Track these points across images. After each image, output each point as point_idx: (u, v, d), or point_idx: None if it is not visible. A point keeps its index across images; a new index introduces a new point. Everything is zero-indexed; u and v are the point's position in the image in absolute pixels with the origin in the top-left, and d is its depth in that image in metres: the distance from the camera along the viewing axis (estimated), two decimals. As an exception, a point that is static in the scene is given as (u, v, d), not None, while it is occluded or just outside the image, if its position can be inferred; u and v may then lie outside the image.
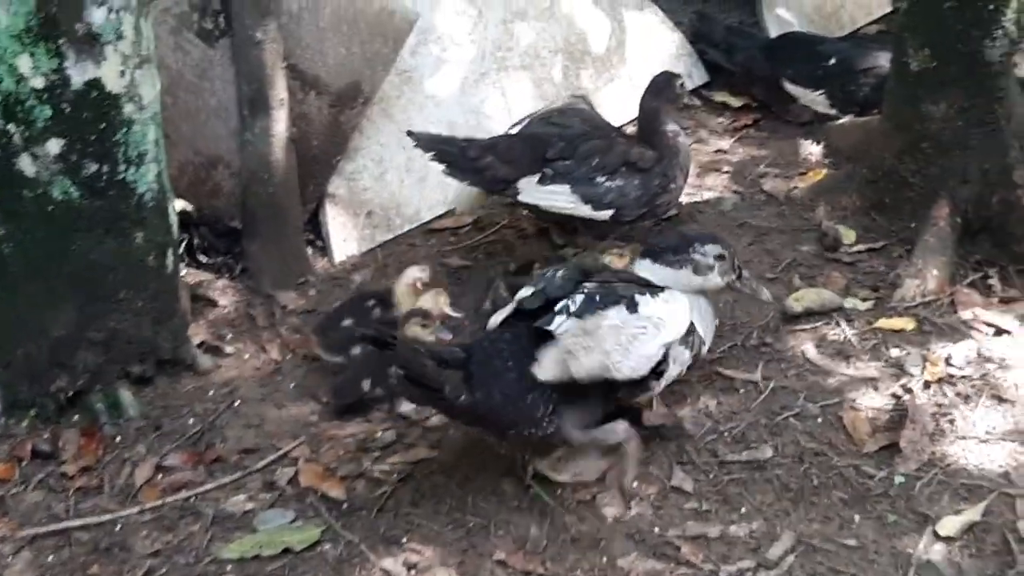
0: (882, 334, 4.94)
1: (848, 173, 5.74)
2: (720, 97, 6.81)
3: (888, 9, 7.29)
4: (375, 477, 4.48)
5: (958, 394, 4.64)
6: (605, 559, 4.07)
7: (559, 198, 5.34)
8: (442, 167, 5.32)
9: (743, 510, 4.23)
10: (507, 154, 5.36)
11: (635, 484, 4.33)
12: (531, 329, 4.10)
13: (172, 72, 5.53)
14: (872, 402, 4.63)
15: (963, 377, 4.70)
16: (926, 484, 4.27)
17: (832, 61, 6.43)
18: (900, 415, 4.53)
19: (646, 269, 4.50)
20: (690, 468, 4.42)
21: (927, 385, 4.66)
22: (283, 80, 5.47)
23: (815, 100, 6.44)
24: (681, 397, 4.71)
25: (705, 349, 4.54)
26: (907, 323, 4.98)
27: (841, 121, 6.30)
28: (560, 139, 5.37)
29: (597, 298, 4.22)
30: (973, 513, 4.12)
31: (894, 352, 4.85)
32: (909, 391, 4.62)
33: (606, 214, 5.39)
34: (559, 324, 4.12)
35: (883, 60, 6.01)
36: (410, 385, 3.88)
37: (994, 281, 5.21)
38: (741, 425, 4.57)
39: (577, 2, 6.62)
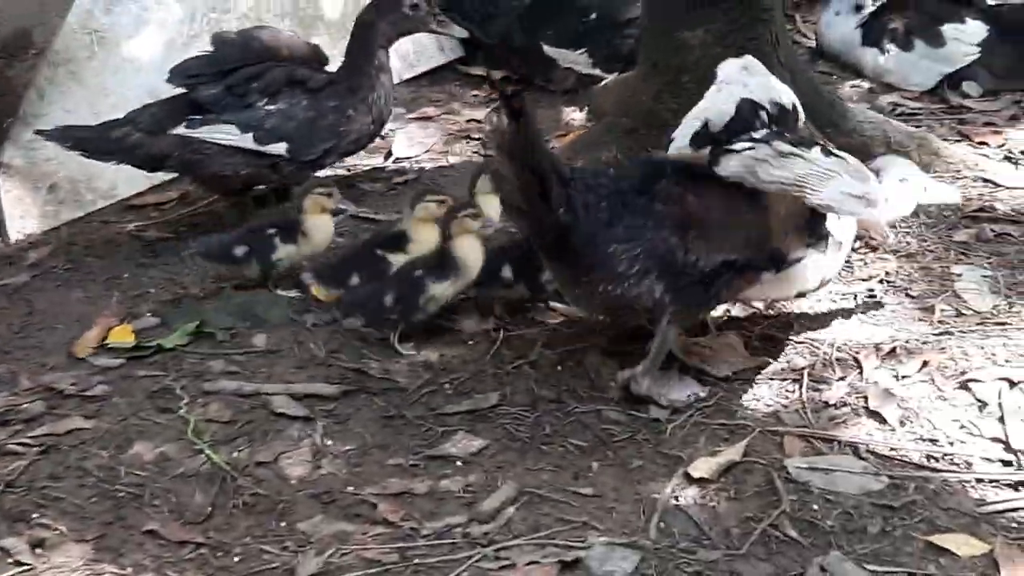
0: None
1: (608, 125, 5.30)
2: (477, 71, 6.36)
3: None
4: (10, 451, 3.80)
5: (717, 337, 4.18)
6: (284, 523, 3.45)
7: (218, 134, 4.80)
8: (86, 155, 4.87)
9: (458, 463, 3.67)
10: (152, 123, 4.85)
11: (328, 442, 3.75)
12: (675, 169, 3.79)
13: None
14: (620, 347, 4.12)
15: (733, 319, 4.26)
16: (679, 426, 3.79)
17: (593, 16, 6.07)
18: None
19: None
20: (400, 423, 3.85)
21: (689, 331, 4.18)
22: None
23: (577, 60, 6.05)
24: (395, 352, 4.15)
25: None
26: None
27: (605, 81, 5.89)
28: (206, 75, 4.86)
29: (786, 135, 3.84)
30: (732, 453, 3.66)
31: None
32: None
33: (278, 148, 4.86)
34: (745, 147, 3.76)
35: (649, 10, 5.62)
36: (517, 173, 3.52)
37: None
38: (464, 376, 4.02)
39: (309, -39, 6.14)
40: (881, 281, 4.47)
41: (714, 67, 4.73)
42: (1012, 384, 3.89)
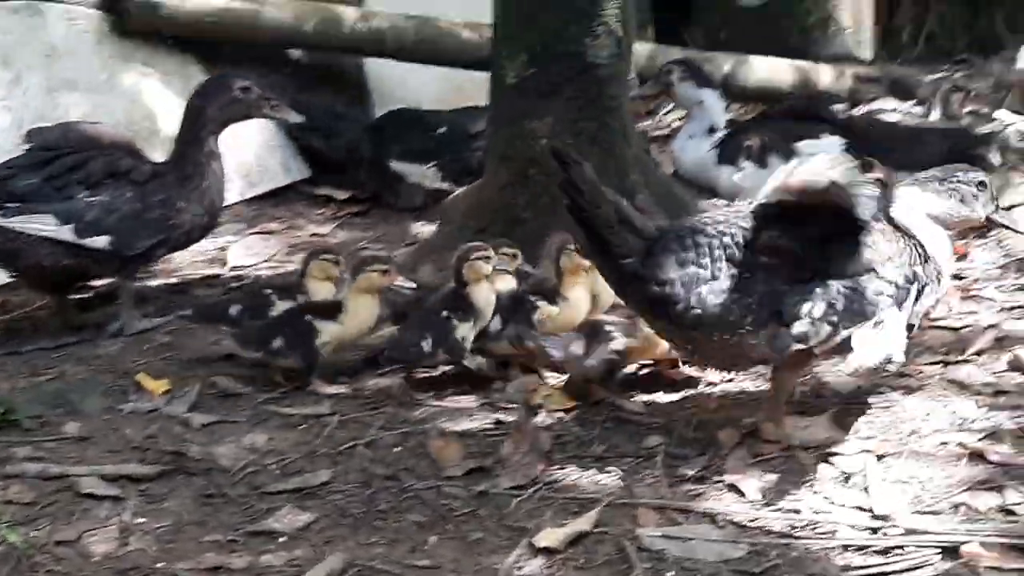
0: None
1: (457, 228, 5.14)
2: (324, 191, 6.21)
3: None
4: None
5: (575, 418, 3.99)
6: (83, 600, 3.14)
7: (34, 224, 4.58)
8: None
9: (281, 539, 3.40)
10: None
11: (139, 520, 3.46)
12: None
13: None
14: (467, 427, 3.95)
15: (586, 401, 4.13)
16: (526, 500, 3.58)
17: (442, 130, 5.96)
18: (501, 439, 3.83)
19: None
20: (219, 501, 3.58)
21: (536, 410, 3.99)
22: None
23: (426, 175, 5.94)
24: (220, 436, 3.89)
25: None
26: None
27: (455, 193, 5.77)
28: (23, 164, 4.69)
29: None
30: (582, 524, 3.44)
31: (498, 383, 4.19)
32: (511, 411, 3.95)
33: (100, 241, 4.63)
34: None
35: (496, 122, 5.54)
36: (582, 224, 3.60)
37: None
38: (294, 457, 3.77)
39: (143, 79, 5.99)
40: (738, 366, 4.31)
41: (564, 160, 4.66)
42: (878, 457, 3.73)
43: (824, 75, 7.24)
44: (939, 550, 3.33)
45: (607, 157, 4.78)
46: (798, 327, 3.58)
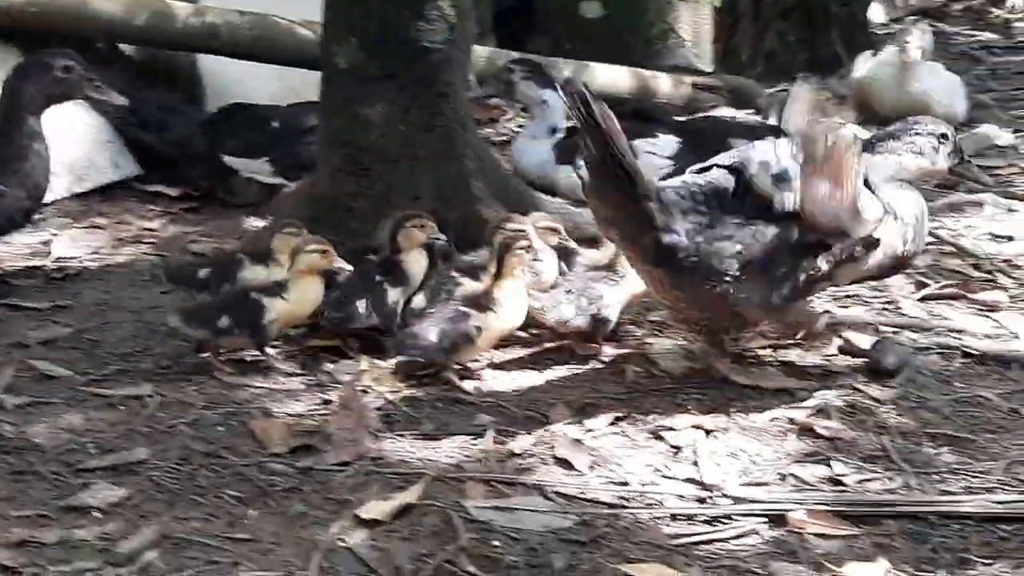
0: (314, 352, 4.22)
1: (292, 216, 5.04)
2: (155, 187, 6.07)
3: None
4: None
5: (403, 398, 3.93)
6: None
7: None
8: None
9: (95, 514, 3.29)
10: None
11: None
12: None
13: None
14: (292, 409, 3.88)
15: (419, 382, 4.08)
16: (351, 475, 3.53)
17: (275, 124, 5.88)
18: (328, 418, 3.78)
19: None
20: (31, 478, 3.46)
21: (367, 391, 3.94)
22: None
23: (260, 169, 5.84)
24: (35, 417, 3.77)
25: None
26: (348, 341, 4.29)
27: (289, 188, 5.68)
28: None
29: None
30: (408, 496, 3.39)
31: (327, 366, 4.14)
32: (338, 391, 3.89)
33: None
34: None
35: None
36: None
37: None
38: (111, 436, 3.68)
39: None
40: (570, 350, 4.30)
41: (398, 147, 4.64)
42: (708, 432, 3.75)
43: (663, 84, 7.31)
44: (766, 519, 3.35)
45: (443, 143, 4.74)
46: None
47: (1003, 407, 3.94)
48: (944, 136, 4.12)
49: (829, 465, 3.60)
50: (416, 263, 4.34)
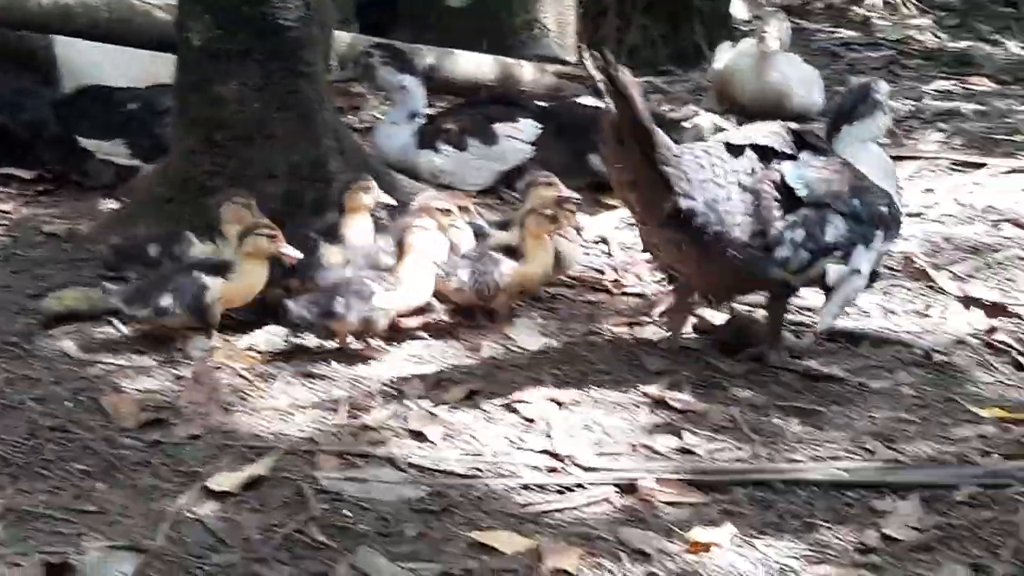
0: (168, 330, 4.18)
1: (143, 199, 4.99)
2: (8, 170, 5.94)
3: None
4: None
5: (257, 374, 3.91)
6: None
7: None
8: None
9: (-65, 490, 3.23)
10: None
11: None
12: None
13: None
14: (144, 385, 3.85)
15: (270, 359, 4.07)
16: (202, 448, 3.50)
17: (132, 106, 5.79)
18: (179, 394, 3.76)
19: None
20: None
21: (220, 368, 3.91)
22: None
23: (115, 151, 5.74)
24: None
25: None
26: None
27: (146, 170, 5.61)
28: None
29: None
30: (258, 468, 3.37)
31: (181, 344, 4.10)
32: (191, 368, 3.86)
33: None
34: None
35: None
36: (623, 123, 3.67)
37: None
38: (-51, 412, 3.61)
39: None
40: (428, 327, 4.31)
41: (253, 126, 4.61)
42: (561, 405, 3.78)
43: (527, 72, 7.34)
44: (617, 487, 3.39)
45: (300, 121, 4.72)
46: (780, 251, 3.84)
47: (852, 381, 4.03)
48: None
49: (680, 436, 3.66)
50: (356, 225, 4.41)
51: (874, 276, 4.10)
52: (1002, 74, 8.64)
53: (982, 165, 6.29)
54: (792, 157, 3.98)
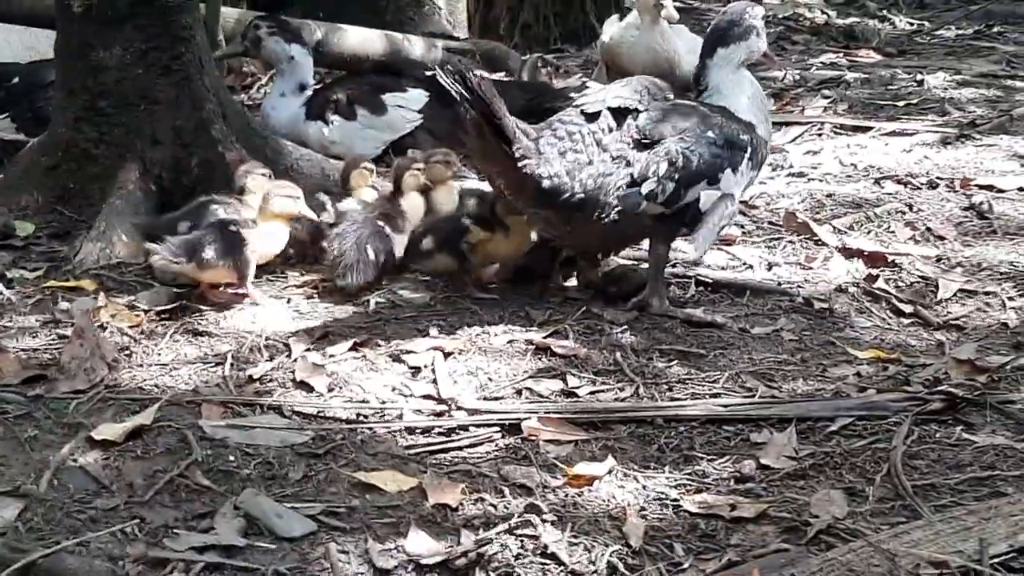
0: (52, 292, 4.20)
1: (24, 168, 4.97)
2: None
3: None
4: None
5: (141, 332, 3.94)
6: None
7: None
8: None
9: None
10: None
11: None
12: None
13: None
14: (27, 344, 3.85)
15: (154, 318, 4.10)
16: (85, 402, 3.52)
17: (15, 80, 5.77)
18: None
19: None
20: None
21: (104, 327, 3.93)
22: None
23: (0, 126, 5.71)
24: None
25: None
26: (86, 283, 4.28)
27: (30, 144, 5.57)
28: None
29: None
30: (142, 418, 3.39)
31: (63, 305, 4.11)
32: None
33: None
34: None
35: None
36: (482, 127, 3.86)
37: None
38: None
39: None
40: (316, 286, 4.35)
41: (136, 91, 4.62)
42: (446, 354, 3.83)
43: (416, 46, 7.38)
44: (500, 428, 3.44)
45: (182, 86, 4.73)
46: (647, 186, 3.99)
47: (733, 327, 4.12)
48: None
49: (564, 380, 3.72)
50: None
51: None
52: (888, 47, 8.82)
53: (867, 129, 6.42)
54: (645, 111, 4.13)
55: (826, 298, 4.35)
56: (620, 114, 4.11)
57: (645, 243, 4.26)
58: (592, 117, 4.09)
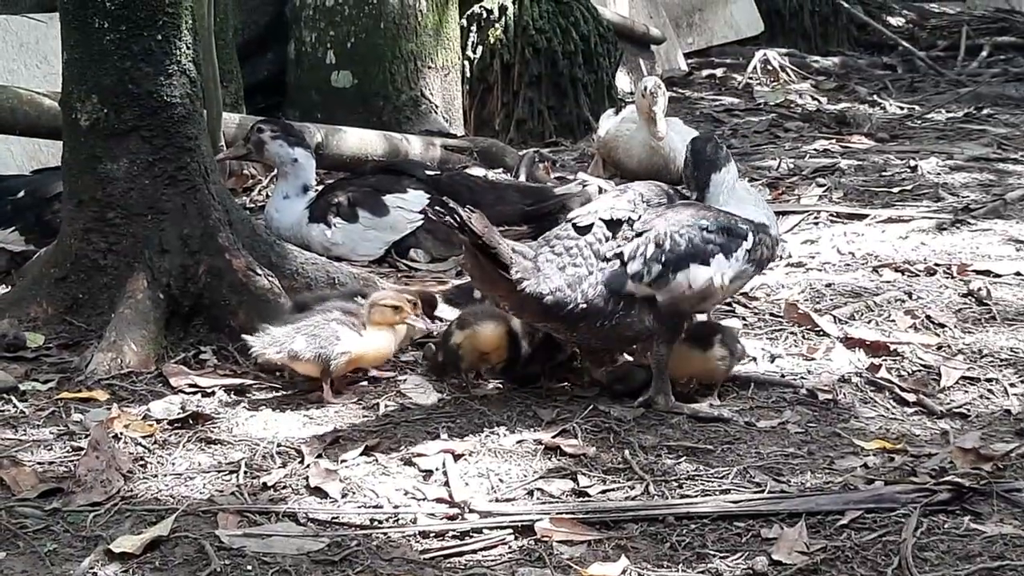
0: (65, 404, 4.24)
1: (35, 279, 5.04)
2: None
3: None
4: None
5: (155, 441, 3.99)
6: None
7: None
8: None
9: None
10: None
11: None
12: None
13: None
14: (42, 457, 3.90)
15: (167, 428, 4.14)
16: (102, 514, 3.57)
17: (21, 194, 5.85)
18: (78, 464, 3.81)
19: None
20: None
21: (118, 437, 3.97)
22: None
23: (7, 239, 5.79)
24: None
25: None
26: (98, 394, 4.33)
27: (37, 255, 5.65)
28: None
29: None
30: (159, 529, 3.44)
31: (76, 417, 4.16)
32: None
33: None
34: None
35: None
36: (477, 256, 3.97)
37: (208, 356, 4.67)
38: None
39: None
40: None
41: (144, 202, 4.71)
42: (456, 456, 3.89)
43: (415, 146, 7.51)
44: (514, 530, 3.49)
45: (188, 195, 4.80)
46: (633, 266, 4.10)
47: (739, 421, 4.17)
48: None
49: (574, 479, 3.77)
50: None
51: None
52: (880, 132, 8.95)
53: (863, 216, 6.52)
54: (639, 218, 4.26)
55: (830, 389, 4.41)
56: (615, 225, 4.22)
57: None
58: (585, 230, 4.20)
